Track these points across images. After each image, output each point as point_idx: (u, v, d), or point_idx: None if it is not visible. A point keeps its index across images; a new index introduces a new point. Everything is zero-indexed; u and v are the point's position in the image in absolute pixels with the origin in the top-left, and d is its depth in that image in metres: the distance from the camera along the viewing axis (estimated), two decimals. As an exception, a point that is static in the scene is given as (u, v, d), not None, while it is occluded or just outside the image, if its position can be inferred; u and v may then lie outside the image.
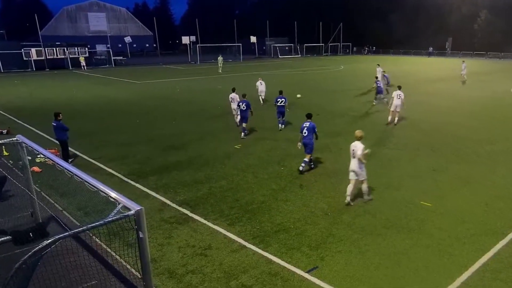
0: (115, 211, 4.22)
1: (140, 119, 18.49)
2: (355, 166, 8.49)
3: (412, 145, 13.37)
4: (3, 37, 68.18)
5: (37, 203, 7.71)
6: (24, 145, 7.18)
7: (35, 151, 6.90)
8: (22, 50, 47.16)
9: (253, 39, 66.89)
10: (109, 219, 4.15)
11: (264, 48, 75.63)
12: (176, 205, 8.80)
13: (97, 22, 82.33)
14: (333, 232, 7.43)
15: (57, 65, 48.72)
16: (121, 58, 61.10)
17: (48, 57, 48.53)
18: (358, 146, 8.41)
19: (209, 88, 29.14)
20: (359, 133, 8.57)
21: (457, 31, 65.97)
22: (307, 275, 6.13)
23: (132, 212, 4.17)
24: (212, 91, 27.37)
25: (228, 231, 7.53)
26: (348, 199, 8.62)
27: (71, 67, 49.42)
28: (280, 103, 15.57)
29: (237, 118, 16.38)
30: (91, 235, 6.98)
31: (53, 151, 11.71)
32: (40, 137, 14.67)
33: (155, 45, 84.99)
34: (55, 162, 5.92)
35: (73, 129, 13.08)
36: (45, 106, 21.49)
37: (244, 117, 14.74)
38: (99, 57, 57.96)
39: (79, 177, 5.09)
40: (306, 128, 10.62)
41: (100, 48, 65.92)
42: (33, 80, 37.43)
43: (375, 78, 22.48)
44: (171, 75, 41.36)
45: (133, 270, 5.95)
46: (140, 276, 4.78)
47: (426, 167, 11.04)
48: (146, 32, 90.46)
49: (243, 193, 9.39)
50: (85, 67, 49.46)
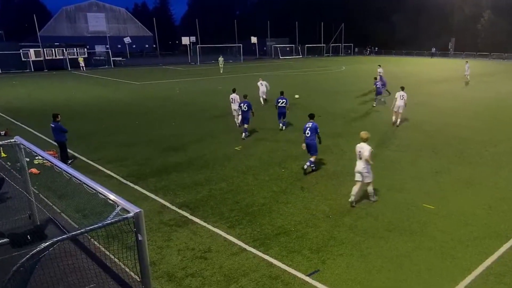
0: (113, 214, 4.21)
1: (139, 120, 18.51)
2: (361, 167, 8.49)
3: (414, 146, 13.37)
4: (1, 37, 68.41)
5: (35, 205, 7.72)
6: (22, 146, 7.19)
7: (33, 152, 6.91)
8: (21, 50, 47.26)
9: (253, 39, 66.97)
10: (108, 221, 4.15)
11: (264, 48, 75.72)
12: (176, 207, 8.80)
13: (96, 23, 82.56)
14: (334, 235, 7.42)
15: (55, 65, 48.80)
16: (120, 58, 61.21)
17: (46, 57, 48.66)
18: (364, 148, 8.41)
19: (209, 89, 29.16)
20: (365, 134, 8.59)
21: (460, 31, 66.04)
22: (308, 279, 6.12)
23: (131, 215, 4.17)
24: (212, 92, 27.40)
25: (228, 234, 7.53)
26: (352, 198, 8.62)
27: (70, 68, 49.50)
28: (281, 104, 15.60)
29: (237, 119, 16.41)
30: (89, 237, 6.99)
31: (52, 152, 11.75)
32: (39, 139, 14.70)
33: (154, 45, 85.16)
34: (53, 163, 5.93)
35: (72, 130, 13.09)
36: (43, 107, 21.52)
37: (245, 118, 14.76)
38: (98, 57, 58.08)
39: (78, 179, 5.09)
40: (308, 128, 10.66)
41: (99, 48, 66.11)
42: (31, 81, 37.49)
43: (374, 79, 22.57)
44: (170, 76, 41.42)
45: (131, 273, 5.94)
46: (139, 279, 4.77)
47: (428, 169, 11.03)
48: (146, 32, 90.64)
49: (243, 195, 9.39)
50: (84, 67, 49.54)
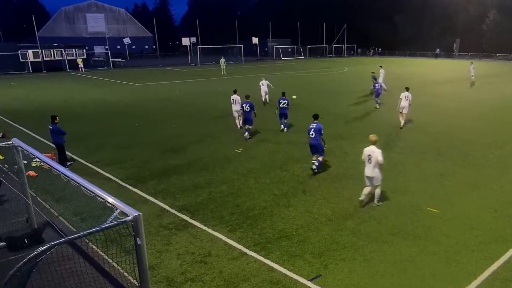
0: (112, 217, 4.21)
1: (138, 122, 18.53)
2: (371, 171, 8.48)
3: (418, 148, 13.35)
4: (-1, 38, 68.76)
5: (32, 208, 7.72)
6: (20, 148, 7.20)
7: (31, 155, 6.93)
8: (19, 51, 47.43)
9: (255, 40, 67.06)
10: (106, 225, 4.15)
11: (266, 49, 75.80)
12: (175, 210, 8.80)
13: (96, 23, 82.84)
14: (337, 239, 7.40)
15: (54, 67, 48.94)
16: (119, 59, 61.37)
17: (45, 58, 48.83)
18: (376, 151, 8.39)
19: (210, 90, 29.21)
20: (374, 137, 8.59)
21: (465, 32, 65.96)
22: (310, 284, 6.10)
23: (130, 218, 4.17)
24: (212, 93, 27.45)
25: (228, 238, 7.51)
26: (362, 197, 8.67)
27: (69, 69, 49.64)
28: (283, 104, 15.64)
29: (238, 120, 16.45)
30: (87, 241, 6.98)
31: (50, 155, 11.76)
32: (37, 141, 14.72)
33: (154, 46, 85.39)
34: (51, 166, 5.93)
35: (70, 132, 13.13)
36: (41, 109, 21.57)
37: (247, 119, 14.80)
38: (97, 58, 58.24)
39: (76, 182, 5.10)
40: (313, 129, 10.72)
41: (98, 49, 66.36)
42: (30, 82, 37.62)
43: (374, 80, 22.62)
44: (170, 77, 41.51)
45: (130, 277, 5.94)
46: (137, 284, 4.77)
47: (433, 172, 11.01)
48: (146, 33, 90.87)
49: (244, 199, 9.38)
50: (82, 69, 49.68)
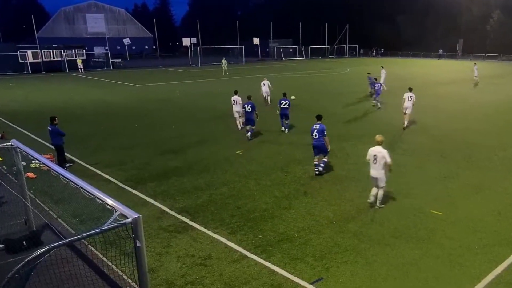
0: (111, 219, 4.22)
1: (138, 123, 18.56)
2: (376, 172, 8.49)
3: (421, 150, 13.34)
4: (-2, 39, 68.95)
5: (31, 210, 7.73)
6: (18, 150, 7.22)
7: (30, 156, 6.94)
8: (18, 52, 47.53)
9: (256, 40, 67.12)
10: (106, 227, 4.16)
11: (267, 50, 75.88)
12: (175, 213, 8.80)
13: (95, 24, 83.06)
14: (338, 242, 7.40)
15: (53, 67, 49.03)
16: (119, 60, 61.47)
17: (44, 59, 48.90)
18: (382, 151, 8.40)
19: (210, 91, 29.25)
20: (380, 137, 8.60)
21: (468, 32, 65.91)
22: (311, 287, 6.10)
23: (129, 220, 4.17)
24: (213, 94, 27.48)
25: (229, 240, 7.51)
26: (371, 199, 8.68)
27: (68, 69, 49.74)
28: (284, 105, 15.68)
29: (238, 121, 16.48)
30: (86, 243, 7.00)
31: (49, 156, 11.80)
32: (36, 142, 14.75)
33: (154, 47, 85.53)
34: (50, 167, 5.95)
35: (69, 133, 13.14)
36: (41, 110, 21.62)
37: (248, 119, 14.85)
38: (97, 59, 58.35)
39: (75, 184, 5.11)
40: (316, 130, 10.75)
41: (98, 50, 66.44)
42: (29, 83, 37.70)
43: (374, 80, 22.67)
44: (171, 78, 41.57)
45: (129, 280, 5.94)
46: (137, 287, 4.77)
47: (436, 174, 10.99)
48: (146, 33, 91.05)
49: (244, 201, 9.38)
50: (82, 69, 49.76)
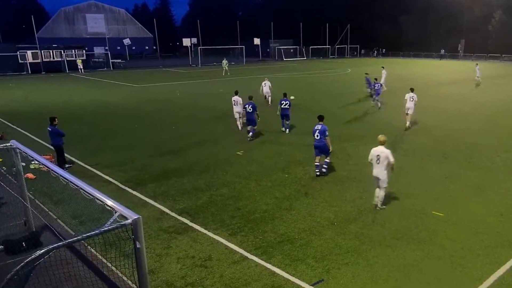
0: (111, 220, 4.22)
1: (138, 124, 18.58)
2: (379, 172, 8.52)
3: (422, 151, 13.33)
4: (-2, 39, 69.03)
5: (30, 211, 7.74)
6: (18, 150, 7.22)
7: (29, 157, 6.94)
8: (18, 52, 47.62)
9: (256, 41, 67.19)
10: (105, 228, 4.16)
11: (268, 50, 75.91)
12: (175, 214, 8.80)
13: (95, 24, 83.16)
14: (339, 243, 7.39)
15: (53, 68, 49.09)
16: (119, 60, 61.53)
17: (44, 59, 48.97)
18: (385, 151, 8.43)
19: (211, 92, 29.27)
20: (383, 137, 8.63)
21: (470, 32, 65.88)
22: (312, 288, 6.10)
23: (129, 221, 4.18)
24: (213, 95, 27.50)
25: (229, 242, 7.51)
26: (376, 200, 8.70)
27: (68, 70, 49.81)
28: (284, 105, 15.71)
29: (238, 121, 16.51)
30: (86, 245, 7.01)
31: (48, 157, 11.80)
32: (35, 143, 14.77)
33: (155, 47, 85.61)
34: (49, 168, 5.96)
35: (69, 134, 13.16)
36: (40, 110, 21.65)
37: (249, 120, 14.88)
38: (96, 59, 58.44)
39: (75, 184, 5.11)
40: (318, 131, 10.76)
41: (98, 50, 66.52)
42: (28, 83, 37.76)
43: (375, 80, 22.70)
44: (171, 78, 41.61)
45: (129, 282, 5.95)
46: (136, 288, 4.77)
47: (437, 175, 10.99)
48: (146, 34, 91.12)
49: (245, 202, 9.38)
50: (82, 70, 49.82)
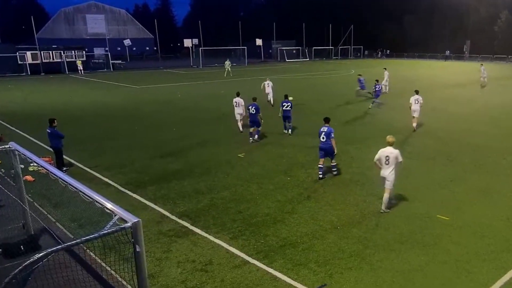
0: (110, 223, 4.22)
1: (138, 125, 18.61)
2: (388, 173, 8.53)
3: (427, 153, 13.30)
4: (-3, 40, 69.32)
5: (29, 214, 7.75)
6: (17, 152, 7.25)
7: (28, 159, 6.96)
8: (17, 53, 47.83)
9: (258, 42, 67.28)
10: (105, 231, 4.16)
11: (270, 51, 76.01)
12: (176, 217, 8.80)
13: (96, 24, 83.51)
14: (342, 247, 7.37)
15: (53, 69, 49.25)
16: (119, 61, 61.76)
17: (43, 60, 49.15)
18: (395, 152, 8.48)
19: (212, 93, 29.32)
20: (391, 138, 8.66)
21: (476, 33, 65.82)
22: (314, 293, 6.08)
23: (129, 225, 4.17)
24: (214, 96, 27.55)
25: (230, 245, 7.50)
26: (383, 207, 8.71)
27: (68, 71, 49.98)
28: (286, 107, 15.72)
29: (239, 123, 16.54)
30: (85, 248, 6.99)
31: (47, 159, 11.82)
32: (34, 145, 14.81)
33: (155, 48, 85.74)
34: (48, 170, 5.97)
35: (69, 135, 13.18)
36: (39, 112, 21.73)
37: (252, 121, 14.88)
38: (97, 60, 58.64)
39: (74, 187, 5.12)
40: (324, 133, 10.79)
41: (98, 51, 66.81)
42: (27, 84, 37.91)
43: (376, 81, 22.73)
44: (172, 79, 41.69)
45: (129, 286, 5.93)
46: (136, 293, 4.76)
47: (442, 178, 10.96)
48: (147, 34, 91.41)
49: (246, 205, 9.37)
50: (82, 71, 49.99)
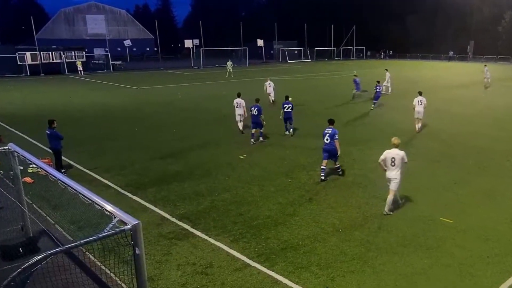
0: (110, 225, 4.22)
1: (138, 127, 18.63)
2: (394, 174, 8.57)
3: (431, 156, 13.28)
4: (-3, 40, 69.65)
5: (28, 216, 7.76)
6: (16, 154, 7.25)
7: (27, 160, 6.97)
8: (17, 54, 47.97)
9: (260, 42, 67.38)
10: (104, 234, 4.15)
11: (271, 52, 76.13)
12: (176, 219, 8.80)
13: (96, 25, 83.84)
14: (344, 250, 7.36)
15: (52, 69, 49.39)
16: (120, 62, 61.91)
17: (43, 61, 49.29)
18: (400, 153, 8.55)
19: (213, 94, 29.35)
20: (397, 140, 8.75)
21: (480, 33, 65.79)
22: (316, 297, 6.07)
23: (129, 227, 4.17)
24: (216, 97, 27.57)
25: (231, 248, 7.50)
26: (386, 208, 8.72)
27: (68, 72, 50.10)
28: (287, 108, 15.76)
29: (240, 124, 16.56)
30: (84, 251, 7.00)
31: (46, 160, 11.85)
32: (33, 146, 14.83)
33: (156, 48, 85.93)
34: (48, 172, 5.98)
35: (68, 137, 13.21)
36: (39, 113, 21.77)
37: (255, 123, 14.89)
38: (96, 61, 58.80)
39: (73, 189, 5.12)
40: (328, 135, 10.84)
41: (98, 52, 66.97)
42: (27, 85, 38.02)
43: (377, 82, 22.73)
44: (172, 80, 41.76)
45: (128, 289, 5.93)
46: (136, 296, 4.75)
47: (446, 180, 10.94)
48: (147, 35, 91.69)
49: (247, 207, 9.37)
50: (82, 72, 50.12)
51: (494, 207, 9.21)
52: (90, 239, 4.15)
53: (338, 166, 11.25)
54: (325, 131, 10.93)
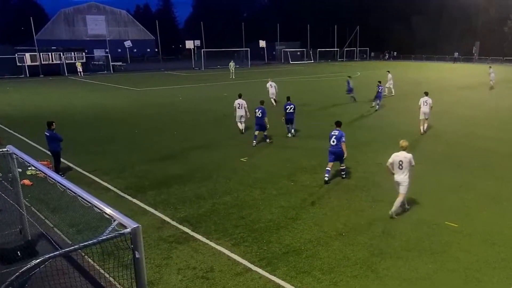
0: (109, 229, 4.23)
1: (138, 129, 18.66)
2: (403, 178, 8.61)
3: (435, 158, 13.26)
4: (-4, 41, 69.94)
5: (26, 219, 7.77)
6: (14, 156, 7.27)
7: (26, 162, 6.98)
8: (16, 55, 48.19)
9: (262, 43, 67.49)
10: (103, 237, 4.16)
11: (274, 53, 76.22)
12: (176, 222, 8.80)
13: (96, 26, 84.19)
14: (348, 255, 7.34)
15: (52, 71, 49.60)
16: (120, 63, 62.14)
17: (43, 62, 49.50)
18: (408, 156, 8.59)
19: (214, 96, 29.40)
20: (405, 142, 8.76)
21: (485, 34, 65.78)
22: (318, 302, 6.05)
23: (128, 230, 4.17)
24: (217, 99, 27.61)
25: (232, 252, 7.49)
26: (393, 209, 8.72)
27: (67, 73, 50.30)
28: (289, 110, 15.78)
29: (241, 125, 16.59)
30: (83, 254, 7.00)
31: (46, 163, 11.85)
32: (32, 148, 14.88)
33: (156, 49, 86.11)
34: (47, 174, 5.99)
35: (67, 139, 13.24)
36: (38, 114, 21.83)
37: (259, 125, 14.92)
38: (97, 62, 59.06)
39: (72, 192, 5.13)
40: (334, 137, 10.87)
41: (98, 53, 67.24)
42: (26, 86, 38.19)
43: (379, 82, 22.73)
44: (173, 81, 41.86)
45: (128, 293, 5.92)
46: (135, 300, 4.75)
47: (451, 183, 10.91)
48: (148, 36, 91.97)
49: (249, 211, 9.36)
50: (81, 73, 50.30)
51: (500, 210, 9.18)
52: (89, 242, 4.16)
53: (343, 168, 11.28)
54: (332, 133, 10.96)
